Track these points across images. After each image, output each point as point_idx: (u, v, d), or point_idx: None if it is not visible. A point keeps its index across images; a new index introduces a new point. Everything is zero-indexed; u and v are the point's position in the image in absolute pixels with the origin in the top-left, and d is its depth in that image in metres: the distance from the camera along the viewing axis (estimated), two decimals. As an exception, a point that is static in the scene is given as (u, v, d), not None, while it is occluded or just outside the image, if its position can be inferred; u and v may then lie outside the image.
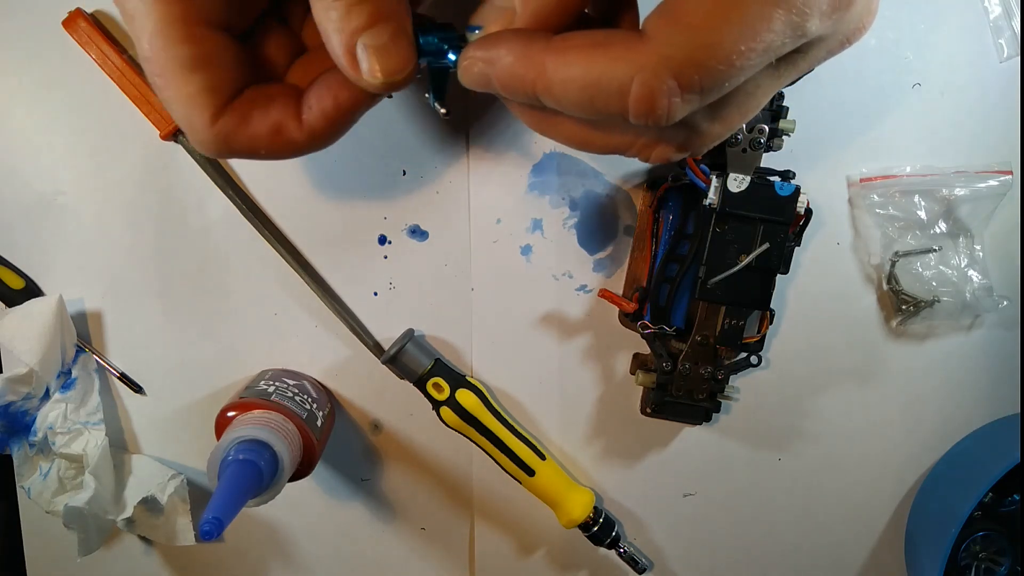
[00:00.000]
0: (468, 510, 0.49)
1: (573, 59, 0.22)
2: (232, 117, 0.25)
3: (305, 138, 0.27)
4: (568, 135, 0.27)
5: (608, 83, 0.22)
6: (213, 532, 0.31)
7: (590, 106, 0.23)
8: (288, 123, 0.26)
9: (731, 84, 0.22)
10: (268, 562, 0.50)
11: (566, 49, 0.23)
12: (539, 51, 0.23)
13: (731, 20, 0.21)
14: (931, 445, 0.48)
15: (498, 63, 0.24)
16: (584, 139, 0.26)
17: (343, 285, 0.45)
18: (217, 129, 0.25)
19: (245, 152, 0.26)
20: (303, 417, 0.40)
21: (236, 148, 0.26)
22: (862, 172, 0.44)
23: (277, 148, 0.26)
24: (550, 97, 0.23)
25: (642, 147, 0.26)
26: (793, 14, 0.21)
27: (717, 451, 0.48)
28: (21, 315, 0.42)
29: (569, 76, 0.22)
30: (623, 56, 0.22)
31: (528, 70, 0.23)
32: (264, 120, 0.26)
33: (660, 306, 0.43)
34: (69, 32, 0.40)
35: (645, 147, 0.26)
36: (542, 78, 0.23)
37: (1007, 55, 0.43)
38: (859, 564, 0.51)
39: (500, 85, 0.24)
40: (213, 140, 0.26)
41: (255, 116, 0.26)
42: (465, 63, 0.25)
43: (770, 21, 0.21)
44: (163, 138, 0.42)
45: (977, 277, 0.44)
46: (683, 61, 0.21)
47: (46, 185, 0.43)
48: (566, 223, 0.45)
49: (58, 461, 0.44)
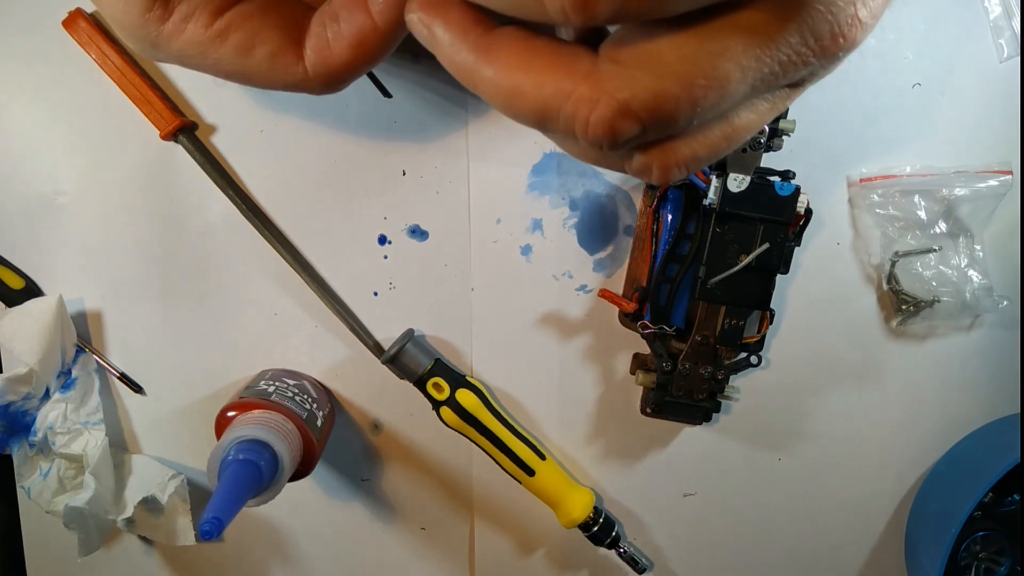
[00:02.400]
0: (468, 510, 0.49)
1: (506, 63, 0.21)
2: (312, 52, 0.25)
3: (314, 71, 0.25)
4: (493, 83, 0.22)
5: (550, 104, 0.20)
6: (213, 532, 0.31)
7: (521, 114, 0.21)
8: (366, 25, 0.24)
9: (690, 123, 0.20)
10: (268, 562, 0.50)
11: (497, 49, 0.21)
12: (472, 43, 0.21)
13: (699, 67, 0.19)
14: (931, 445, 0.48)
15: (435, 39, 0.22)
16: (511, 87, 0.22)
17: (343, 285, 0.45)
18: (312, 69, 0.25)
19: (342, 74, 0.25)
20: (303, 417, 0.40)
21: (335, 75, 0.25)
22: (862, 172, 0.44)
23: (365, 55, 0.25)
24: (479, 93, 0.21)
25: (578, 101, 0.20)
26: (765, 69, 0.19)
27: (717, 451, 0.48)
28: (21, 315, 0.42)
29: (500, 84, 0.21)
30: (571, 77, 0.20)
31: (462, 61, 0.21)
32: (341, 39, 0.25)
33: (660, 306, 0.43)
34: (69, 32, 0.40)
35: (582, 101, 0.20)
36: (472, 76, 0.21)
37: (1007, 55, 0.43)
38: (859, 564, 0.51)
39: (437, 57, 0.22)
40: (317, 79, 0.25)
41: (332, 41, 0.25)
42: (408, 16, 0.23)
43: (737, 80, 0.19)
44: (163, 138, 0.42)
45: (977, 277, 0.44)
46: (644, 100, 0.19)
47: (46, 185, 0.43)
48: (566, 223, 0.45)
49: (58, 461, 0.44)
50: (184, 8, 0.24)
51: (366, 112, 0.43)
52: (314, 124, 0.43)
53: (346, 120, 0.43)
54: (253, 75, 0.25)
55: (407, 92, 0.42)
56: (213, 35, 0.25)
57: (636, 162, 0.22)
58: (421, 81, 0.42)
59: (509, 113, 0.21)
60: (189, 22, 0.24)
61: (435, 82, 0.42)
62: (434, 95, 0.43)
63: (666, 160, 0.22)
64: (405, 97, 0.43)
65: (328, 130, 0.43)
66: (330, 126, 0.43)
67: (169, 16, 0.24)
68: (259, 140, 0.43)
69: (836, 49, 0.20)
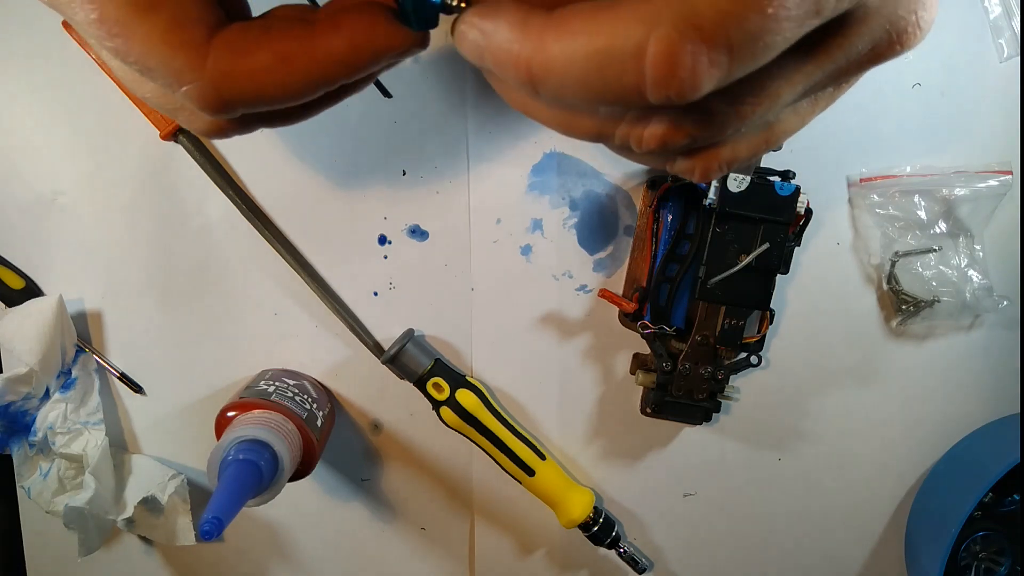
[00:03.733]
0: (468, 510, 0.49)
1: (577, 27, 0.19)
2: (223, 52, 0.21)
3: (319, 68, 0.22)
4: (551, 113, 0.22)
5: (620, 48, 0.18)
6: (213, 532, 0.31)
7: (598, 81, 0.19)
8: (297, 49, 0.21)
9: (765, 45, 0.18)
10: (268, 562, 0.50)
11: (567, 17, 0.19)
12: (538, 24, 0.19)
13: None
14: (931, 445, 0.48)
15: (494, 36, 0.20)
16: (577, 124, 0.22)
17: (343, 285, 0.45)
18: (211, 69, 0.21)
19: (251, 97, 0.22)
20: (303, 417, 0.40)
21: (240, 93, 0.21)
22: (862, 172, 0.44)
23: (288, 84, 0.22)
24: (549, 78, 0.19)
25: (635, 120, 0.21)
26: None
27: (717, 451, 0.48)
28: (21, 315, 0.42)
29: (572, 48, 0.19)
30: (633, 14, 0.18)
31: (525, 46, 0.19)
32: (265, 48, 0.21)
33: (660, 306, 0.43)
34: (69, 32, 0.40)
35: (639, 120, 0.21)
36: (540, 54, 0.19)
37: (1007, 55, 0.43)
38: (859, 564, 0.51)
39: (495, 63, 0.20)
40: (212, 87, 0.21)
41: (252, 46, 0.21)
42: (461, 27, 0.21)
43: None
44: (163, 138, 0.42)
45: (977, 277, 0.44)
46: (706, 9, 0.17)
47: (46, 185, 0.43)
48: (566, 223, 0.45)
49: (58, 461, 0.44)
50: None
51: (366, 112, 0.43)
52: (314, 124, 0.42)
53: (346, 120, 0.43)
54: (133, 40, 0.21)
55: (407, 92, 0.42)
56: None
57: (680, 164, 0.23)
58: (421, 81, 0.42)
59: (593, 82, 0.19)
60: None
61: (435, 82, 0.42)
62: (434, 95, 0.43)
63: (708, 163, 0.22)
64: (405, 97, 0.43)
65: (328, 130, 0.43)
66: (330, 126, 0.43)
67: None
68: (259, 140, 0.43)
69: (893, 54, 0.21)
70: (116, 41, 0.21)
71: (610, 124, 0.21)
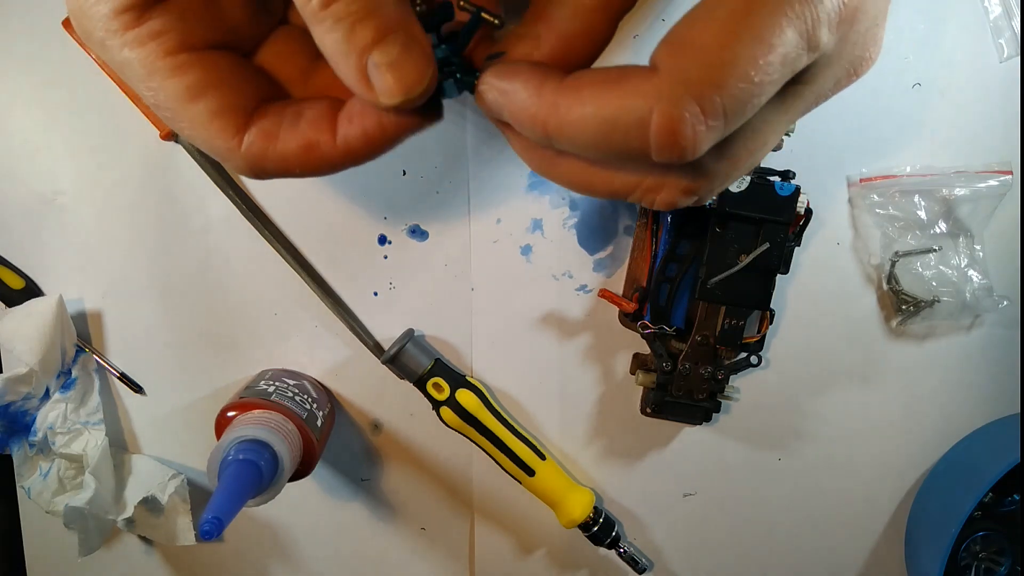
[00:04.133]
0: (468, 510, 0.49)
1: (587, 96, 0.22)
2: (258, 137, 0.25)
3: (340, 155, 0.25)
4: (570, 176, 0.25)
5: (626, 117, 0.21)
6: (213, 532, 0.31)
7: (605, 144, 0.22)
8: (321, 139, 0.25)
9: (752, 106, 0.21)
10: (268, 562, 0.50)
11: (579, 86, 0.22)
12: (552, 89, 0.22)
13: (742, 35, 0.20)
14: (931, 445, 0.48)
15: (512, 96, 0.23)
16: (586, 181, 0.25)
17: (343, 285, 0.45)
18: (246, 151, 0.25)
19: (279, 171, 0.25)
20: (303, 417, 0.40)
21: (270, 168, 0.25)
22: (862, 172, 0.44)
23: (311, 165, 0.25)
24: (562, 136, 0.22)
25: (647, 189, 0.24)
26: (802, 21, 0.21)
27: (717, 451, 0.48)
28: (21, 315, 0.42)
29: (583, 114, 0.22)
30: (639, 88, 0.21)
31: (541, 108, 0.22)
32: (294, 136, 0.25)
33: (660, 306, 0.43)
34: (69, 32, 0.40)
35: (650, 190, 0.24)
36: (554, 116, 0.22)
37: (1007, 55, 0.43)
38: (859, 564, 0.51)
39: (513, 119, 0.24)
40: (245, 163, 0.25)
41: (283, 133, 0.25)
42: (482, 87, 0.24)
43: (781, 30, 0.20)
44: (163, 138, 0.42)
45: (977, 277, 0.44)
46: (702, 84, 0.20)
47: (46, 185, 0.43)
48: (566, 223, 0.45)
49: (58, 461, 0.44)
50: (156, 24, 0.24)
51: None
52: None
53: (346, 120, 0.43)
54: (182, 120, 0.25)
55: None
56: (172, 64, 0.24)
57: None
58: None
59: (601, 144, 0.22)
60: (155, 40, 0.24)
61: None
62: (434, 95, 0.43)
63: None
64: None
65: (328, 130, 0.43)
66: (330, 126, 0.43)
67: (138, 25, 0.23)
68: (259, 140, 0.43)
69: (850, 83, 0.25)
70: (169, 121, 0.25)
71: (623, 192, 0.25)
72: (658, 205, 0.25)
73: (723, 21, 0.21)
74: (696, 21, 0.21)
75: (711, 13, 0.21)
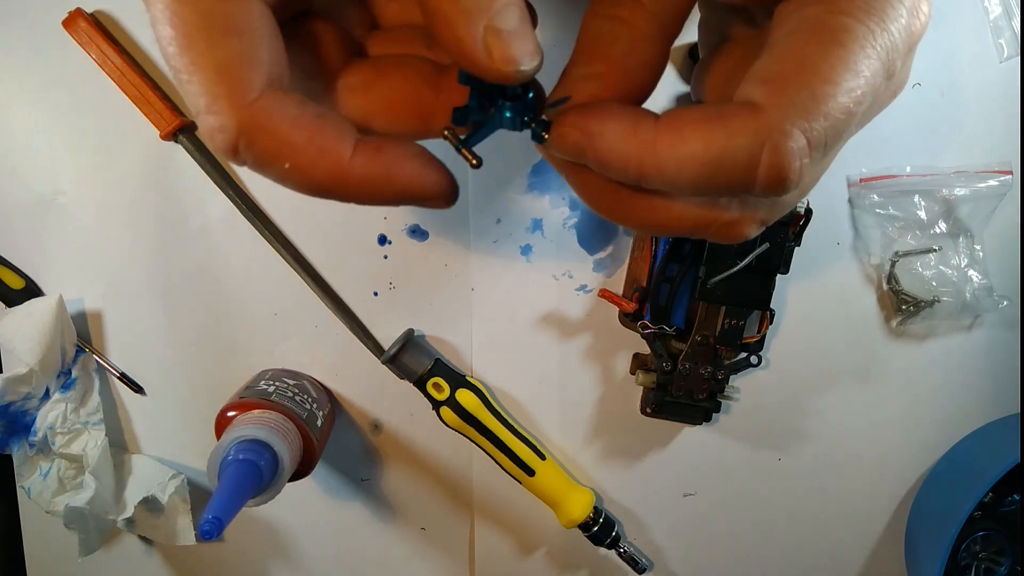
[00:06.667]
0: (468, 510, 0.49)
1: (690, 135, 0.21)
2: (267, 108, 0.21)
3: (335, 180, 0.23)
4: (646, 216, 0.24)
5: (734, 155, 0.21)
6: (213, 532, 0.31)
7: (707, 182, 0.21)
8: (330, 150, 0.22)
9: (848, 135, 0.22)
10: (268, 562, 0.50)
11: (679, 126, 0.21)
12: (649, 128, 0.22)
13: (838, 67, 0.20)
14: (931, 445, 0.48)
15: (601, 137, 0.22)
16: (663, 219, 0.24)
17: (343, 285, 0.45)
18: (245, 118, 0.21)
19: (261, 165, 0.22)
20: (303, 417, 0.40)
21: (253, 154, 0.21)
22: (862, 172, 0.44)
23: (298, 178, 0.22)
24: (661, 176, 0.22)
25: (725, 223, 0.24)
26: (885, 51, 0.21)
27: (717, 451, 0.48)
28: (21, 315, 0.42)
29: (686, 153, 0.21)
30: (747, 126, 0.21)
31: (636, 148, 0.22)
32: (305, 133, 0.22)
33: (660, 306, 0.43)
34: (69, 32, 0.40)
35: (729, 224, 0.24)
36: (651, 156, 0.21)
37: (1007, 55, 0.43)
38: (859, 564, 0.51)
39: (597, 159, 0.23)
40: (235, 130, 0.21)
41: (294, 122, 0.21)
42: (562, 130, 0.23)
43: (870, 61, 0.21)
44: (163, 138, 0.42)
45: (977, 277, 0.44)
46: (809, 117, 0.20)
47: (46, 185, 0.43)
48: (566, 223, 0.45)
49: (58, 461, 0.44)
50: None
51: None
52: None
53: (346, 120, 0.43)
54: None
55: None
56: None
57: None
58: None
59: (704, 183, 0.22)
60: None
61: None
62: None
63: None
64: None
65: (328, 130, 0.43)
66: (330, 126, 0.43)
67: None
68: (259, 140, 0.43)
69: None
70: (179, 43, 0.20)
71: (701, 227, 0.24)
72: (730, 238, 0.24)
73: (819, 56, 0.21)
74: (788, 56, 0.21)
75: (803, 49, 0.21)
